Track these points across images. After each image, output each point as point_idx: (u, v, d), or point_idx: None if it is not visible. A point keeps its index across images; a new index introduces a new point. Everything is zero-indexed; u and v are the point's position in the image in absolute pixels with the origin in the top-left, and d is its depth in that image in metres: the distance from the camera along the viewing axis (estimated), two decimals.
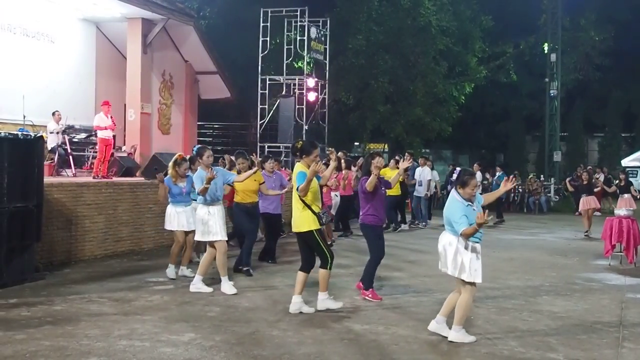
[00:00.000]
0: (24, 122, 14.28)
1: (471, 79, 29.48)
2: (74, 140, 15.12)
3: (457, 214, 6.13)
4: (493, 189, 17.74)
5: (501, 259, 11.74)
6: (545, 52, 31.30)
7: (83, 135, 15.67)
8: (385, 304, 7.89)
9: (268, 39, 22.09)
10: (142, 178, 13.50)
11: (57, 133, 14.32)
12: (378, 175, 7.90)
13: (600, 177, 22.80)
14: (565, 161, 33.25)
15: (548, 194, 26.09)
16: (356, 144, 33.89)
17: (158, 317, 7.11)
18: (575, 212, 19.37)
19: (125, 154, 16.03)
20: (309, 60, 22.74)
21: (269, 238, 11.24)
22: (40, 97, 15.35)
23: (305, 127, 21.75)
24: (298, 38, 22.32)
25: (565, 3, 30.33)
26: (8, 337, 6.21)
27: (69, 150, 14.30)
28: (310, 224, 7.18)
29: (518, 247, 13.42)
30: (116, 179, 13.25)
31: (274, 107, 22.14)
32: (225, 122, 25.89)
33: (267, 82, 22.31)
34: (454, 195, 6.29)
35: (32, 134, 9.91)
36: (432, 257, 11.80)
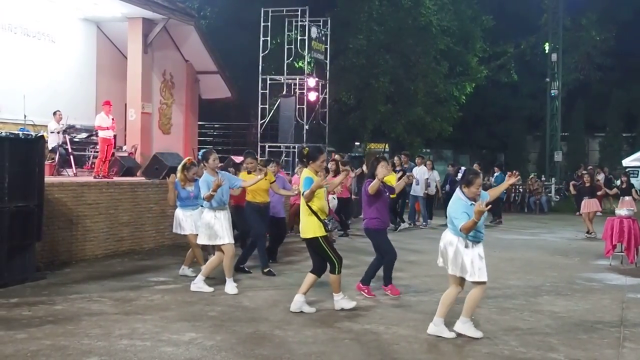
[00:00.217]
0: (24, 121, 14.28)
1: (472, 79, 29.45)
2: (75, 140, 15.12)
3: (459, 211, 6.19)
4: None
5: (502, 259, 11.75)
6: (546, 51, 31.29)
7: (84, 135, 15.67)
8: (386, 304, 7.91)
9: (269, 38, 22.07)
10: (143, 178, 13.50)
11: (57, 133, 14.35)
12: (382, 180, 7.93)
13: (601, 177, 22.80)
14: (566, 161, 33.22)
15: (549, 194, 26.11)
16: (357, 143, 33.89)
17: (159, 316, 7.11)
18: (576, 212, 19.36)
19: (126, 154, 16.03)
20: (309, 60, 22.72)
21: (272, 240, 11.22)
22: (41, 97, 15.35)
23: (306, 127, 21.73)
24: (299, 38, 22.30)
25: (567, 3, 30.32)
26: (9, 337, 6.22)
27: (70, 150, 14.32)
28: (315, 231, 7.19)
29: (519, 247, 13.42)
30: (117, 179, 13.25)
31: (275, 107, 22.12)
32: (226, 122, 25.87)
33: (268, 81, 22.29)
34: (458, 194, 6.33)
35: (33, 134, 9.91)
36: (432, 257, 11.76)
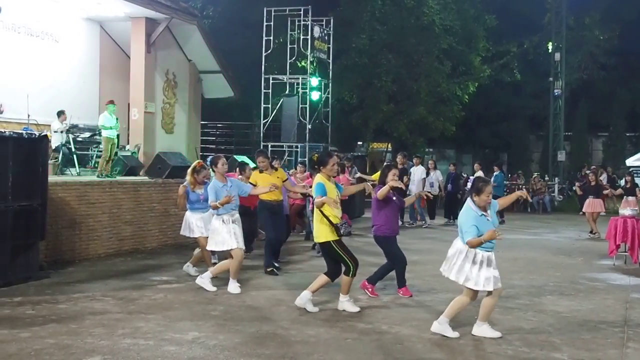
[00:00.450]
0: (28, 121, 14.30)
1: (475, 78, 29.43)
2: (78, 139, 15.14)
3: (468, 223, 6.20)
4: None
5: (505, 258, 11.70)
6: (550, 51, 31.18)
7: (87, 135, 15.70)
8: (389, 304, 7.90)
9: (271, 38, 22.09)
10: (146, 177, 13.51)
11: (61, 132, 14.37)
12: (392, 187, 7.96)
13: (603, 177, 22.74)
14: (569, 161, 33.16)
15: (552, 194, 26.06)
16: (359, 143, 33.89)
17: (162, 315, 7.12)
18: (580, 212, 19.31)
19: (129, 153, 16.05)
20: (312, 59, 22.74)
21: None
22: (44, 97, 15.38)
23: (309, 126, 21.75)
24: (301, 37, 22.32)
25: (570, 2, 30.19)
26: (13, 335, 6.23)
27: (73, 150, 14.34)
28: (327, 235, 7.19)
29: (522, 247, 13.39)
30: (120, 178, 13.26)
31: (277, 106, 22.15)
32: (229, 122, 25.92)
33: (271, 81, 22.32)
34: (468, 204, 6.34)
35: (37, 133, 9.92)
36: (434, 257, 11.79)
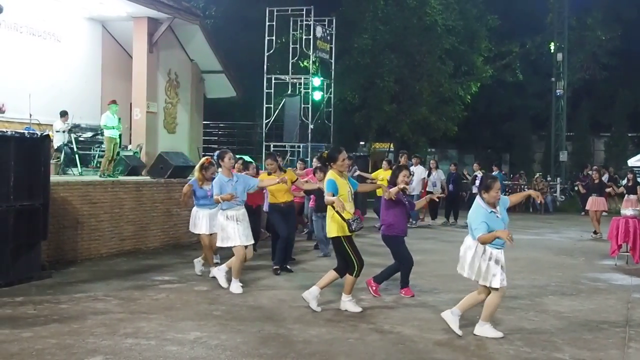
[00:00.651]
0: (30, 120, 14.32)
1: (477, 79, 29.43)
2: (80, 139, 15.16)
3: (478, 219, 6.20)
4: None
5: (507, 258, 11.49)
6: (552, 51, 31.16)
7: (89, 134, 15.72)
8: (391, 304, 7.89)
9: (274, 38, 22.08)
10: (148, 177, 13.52)
11: (63, 132, 14.38)
12: (403, 188, 8.01)
13: (605, 177, 22.71)
14: (571, 161, 33.12)
15: (554, 194, 26.04)
16: (362, 143, 33.89)
17: (164, 315, 7.12)
18: (582, 212, 19.30)
19: (131, 153, 16.07)
20: (314, 59, 22.74)
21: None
22: (46, 96, 15.40)
23: (311, 126, 21.74)
24: (304, 37, 22.31)
25: (572, 2, 30.18)
26: (15, 335, 6.23)
27: (75, 149, 14.35)
28: (337, 231, 7.20)
29: (524, 247, 13.37)
30: (122, 178, 13.27)
31: (280, 106, 22.14)
32: (231, 121, 25.91)
33: (273, 81, 22.31)
34: (478, 201, 6.35)
35: (39, 133, 9.92)
36: (436, 256, 11.83)
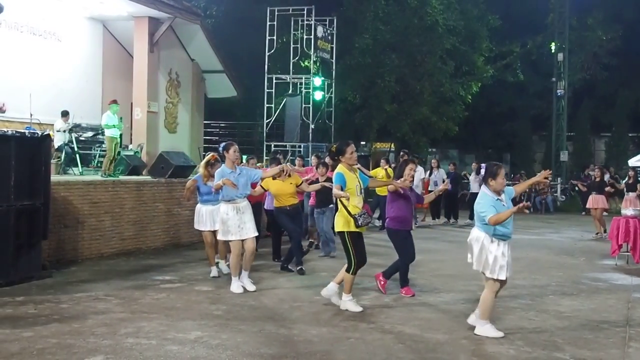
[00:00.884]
0: (31, 120, 14.33)
1: (478, 78, 29.41)
2: (81, 138, 15.17)
3: (486, 205, 6.26)
4: None
5: None
6: (553, 51, 31.15)
7: (90, 134, 15.72)
8: (391, 303, 7.89)
9: (275, 37, 22.09)
10: (149, 177, 13.53)
11: (64, 131, 14.39)
12: (409, 183, 8.07)
13: (606, 177, 22.70)
14: (572, 161, 33.09)
15: (555, 194, 26.03)
16: (362, 143, 33.87)
17: (164, 315, 7.12)
18: (582, 211, 19.28)
19: (132, 153, 16.07)
20: (315, 59, 22.73)
21: (274, 237, 11.23)
22: (47, 96, 15.41)
23: (312, 126, 21.75)
24: (305, 37, 22.32)
25: (573, 2, 30.17)
26: (15, 335, 6.23)
27: (76, 149, 14.35)
28: (343, 225, 7.26)
29: (525, 247, 13.37)
30: (123, 178, 13.28)
31: (281, 106, 22.14)
32: (232, 121, 25.91)
33: (274, 81, 22.32)
34: (484, 190, 6.42)
35: (39, 133, 9.93)
36: (436, 256, 11.83)
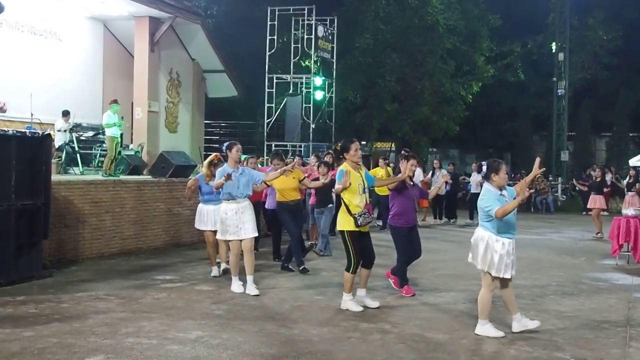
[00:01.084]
0: (31, 120, 14.35)
1: (478, 78, 29.40)
2: (82, 138, 15.18)
3: (490, 199, 6.29)
4: None
5: None
6: (553, 51, 31.15)
7: (90, 133, 15.73)
8: (392, 303, 7.88)
9: (275, 37, 22.09)
10: (150, 176, 13.53)
11: (64, 131, 14.40)
12: (409, 178, 8.09)
13: (608, 178, 22.68)
14: (572, 161, 33.10)
15: (555, 194, 26.03)
16: (363, 142, 33.85)
17: (165, 315, 7.12)
18: (583, 211, 19.27)
19: (133, 152, 16.08)
20: (316, 59, 22.73)
21: (274, 237, 11.21)
22: (47, 95, 15.43)
23: (312, 125, 21.75)
24: (305, 37, 22.31)
25: (574, 2, 30.16)
26: (16, 334, 6.23)
27: (77, 149, 14.36)
28: (343, 224, 7.29)
29: (525, 247, 13.36)
30: (123, 177, 13.28)
31: (281, 105, 22.15)
32: (232, 121, 25.91)
33: (274, 80, 22.32)
34: (486, 187, 6.45)
35: (40, 132, 9.94)
36: (437, 256, 11.82)
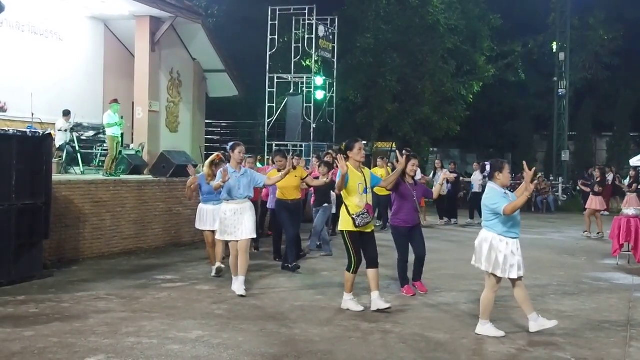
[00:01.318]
0: (32, 119, 14.34)
1: (479, 78, 29.38)
2: (82, 138, 15.18)
3: (496, 197, 6.31)
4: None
5: None
6: (554, 51, 31.13)
7: (91, 133, 15.74)
8: (392, 303, 7.86)
9: (276, 37, 22.08)
10: (150, 176, 13.53)
11: (65, 131, 14.40)
12: (411, 178, 8.19)
13: (610, 178, 22.68)
14: (573, 161, 33.08)
15: (556, 194, 26.02)
16: (364, 142, 33.83)
17: (166, 314, 7.13)
18: (584, 211, 19.15)
19: (133, 152, 16.08)
20: (317, 58, 22.72)
21: (274, 237, 11.21)
22: (48, 95, 15.43)
23: (313, 125, 21.74)
24: (306, 36, 22.31)
25: (574, 2, 30.14)
26: (17, 334, 6.24)
27: (77, 148, 14.36)
28: (343, 224, 7.30)
29: (526, 247, 13.19)
30: (124, 177, 13.28)
31: (282, 105, 22.15)
32: (233, 120, 25.91)
33: (275, 80, 22.32)
34: (490, 185, 6.48)
35: (41, 132, 9.94)
36: (438, 256, 11.82)
